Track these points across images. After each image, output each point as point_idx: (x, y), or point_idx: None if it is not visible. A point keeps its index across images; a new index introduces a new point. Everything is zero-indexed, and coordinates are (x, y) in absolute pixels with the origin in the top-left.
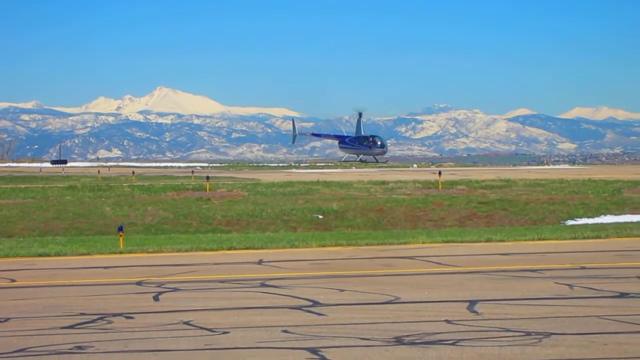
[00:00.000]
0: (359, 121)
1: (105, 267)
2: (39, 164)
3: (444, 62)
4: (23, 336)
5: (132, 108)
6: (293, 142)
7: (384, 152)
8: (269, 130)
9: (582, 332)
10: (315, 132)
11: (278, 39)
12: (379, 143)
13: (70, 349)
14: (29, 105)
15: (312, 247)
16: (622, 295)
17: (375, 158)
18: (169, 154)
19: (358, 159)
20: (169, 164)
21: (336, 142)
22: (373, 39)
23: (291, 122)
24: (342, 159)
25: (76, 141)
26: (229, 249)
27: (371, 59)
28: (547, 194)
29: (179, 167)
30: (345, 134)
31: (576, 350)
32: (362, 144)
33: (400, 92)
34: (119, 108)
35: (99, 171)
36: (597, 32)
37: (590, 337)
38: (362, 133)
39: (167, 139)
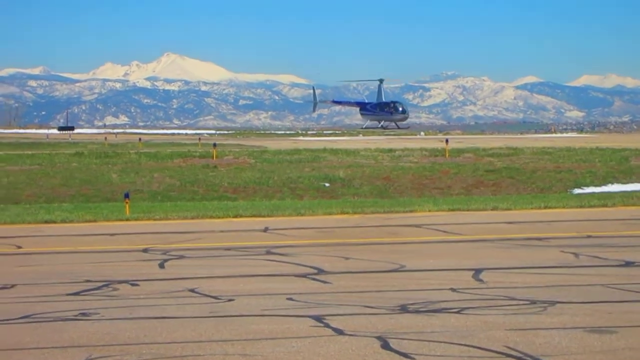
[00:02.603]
0: (379, 87)
1: (111, 234)
2: (46, 131)
3: (452, 29)
4: (29, 302)
5: (139, 74)
6: (314, 110)
7: (406, 118)
8: (276, 98)
9: (587, 301)
10: (333, 99)
11: (286, 5)
12: (400, 109)
13: (75, 315)
14: (36, 71)
15: (318, 214)
16: (628, 264)
17: (396, 124)
18: (176, 121)
19: (380, 126)
20: (176, 131)
21: (343, 109)
22: (381, 6)
23: (298, 89)
24: (364, 126)
25: (83, 107)
26: (235, 216)
27: (379, 26)
28: (554, 162)
29: (186, 134)
30: (367, 101)
31: (581, 318)
32: (383, 110)
33: (408, 60)
34: (126, 74)
35: (105, 138)
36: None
37: (595, 305)
38: (383, 99)
39: (174, 106)
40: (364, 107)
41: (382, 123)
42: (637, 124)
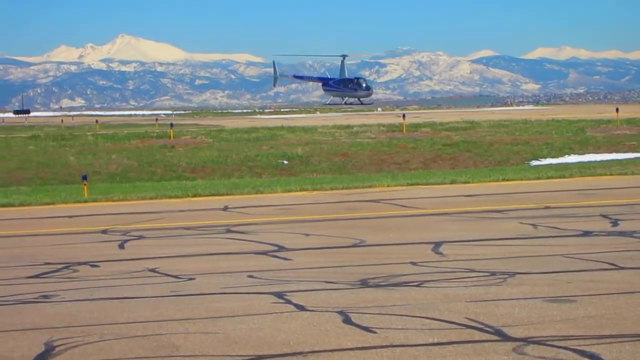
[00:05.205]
0: (342, 63)
1: (70, 217)
2: (1, 114)
3: (406, 4)
4: None
5: (94, 56)
6: (275, 84)
7: (370, 94)
8: (233, 77)
9: (546, 271)
10: (294, 74)
11: None
12: (364, 85)
13: (35, 298)
14: None
15: (277, 192)
16: (586, 233)
17: (360, 100)
18: (132, 102)
19: (343, 102)
20: (132, 112)
21: (300, 87)
22: None
23: (254, 67)
24: (327, 102)
25: (39, 90)
26: (194, 195)
27: (334, 3)
28: (511, 134)
29: (143, 115)
30: (329, 77)
31: (540, 288)
32: (347, 86)
33: (363, 36)
34: (81, 56)
35: (62, 120)
36: None
37: (554, 275)
38: (346, 75)
39: (131, 87)
40: (326, 83)
41: (345, 99)
42: (592, 95)
